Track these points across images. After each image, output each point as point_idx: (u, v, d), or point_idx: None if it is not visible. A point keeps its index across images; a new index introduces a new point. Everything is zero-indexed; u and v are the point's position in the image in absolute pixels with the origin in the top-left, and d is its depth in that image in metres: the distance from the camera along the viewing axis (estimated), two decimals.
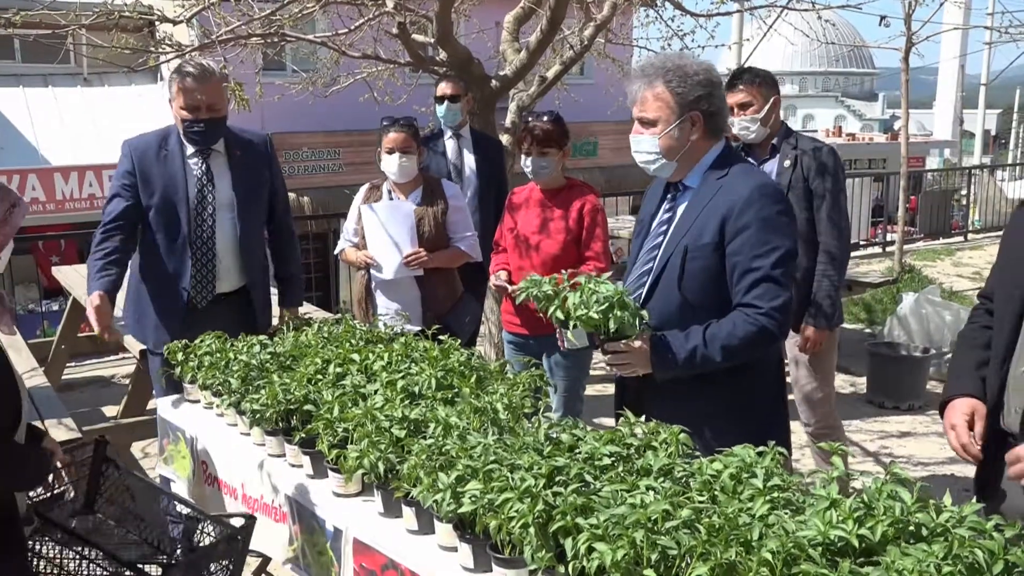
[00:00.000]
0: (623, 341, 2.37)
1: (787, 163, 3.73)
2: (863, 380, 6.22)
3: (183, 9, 5.21)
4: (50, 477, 2.40)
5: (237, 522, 2.46)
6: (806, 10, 6.68)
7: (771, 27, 7.71)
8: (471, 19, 7.85)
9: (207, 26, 5.30)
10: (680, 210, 2.51)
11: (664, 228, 2.53)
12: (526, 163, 3.72)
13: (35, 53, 13.93)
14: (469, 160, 4.76)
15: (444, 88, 4.74)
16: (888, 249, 11.26)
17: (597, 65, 9.33)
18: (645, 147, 2.47)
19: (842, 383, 6.36)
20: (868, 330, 7.71)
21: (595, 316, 2.32)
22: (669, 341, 2.38)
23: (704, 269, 2.41)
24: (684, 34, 7.22)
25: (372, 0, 5.48)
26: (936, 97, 35.20)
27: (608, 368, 2.53)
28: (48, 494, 2.44)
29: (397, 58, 6.13)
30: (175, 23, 5.00)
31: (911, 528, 1.58)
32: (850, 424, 5.52)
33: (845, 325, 7.76)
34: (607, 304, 2.32)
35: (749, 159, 3.79)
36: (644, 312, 2.39)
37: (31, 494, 2.35)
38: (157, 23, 5.18)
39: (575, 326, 2.37)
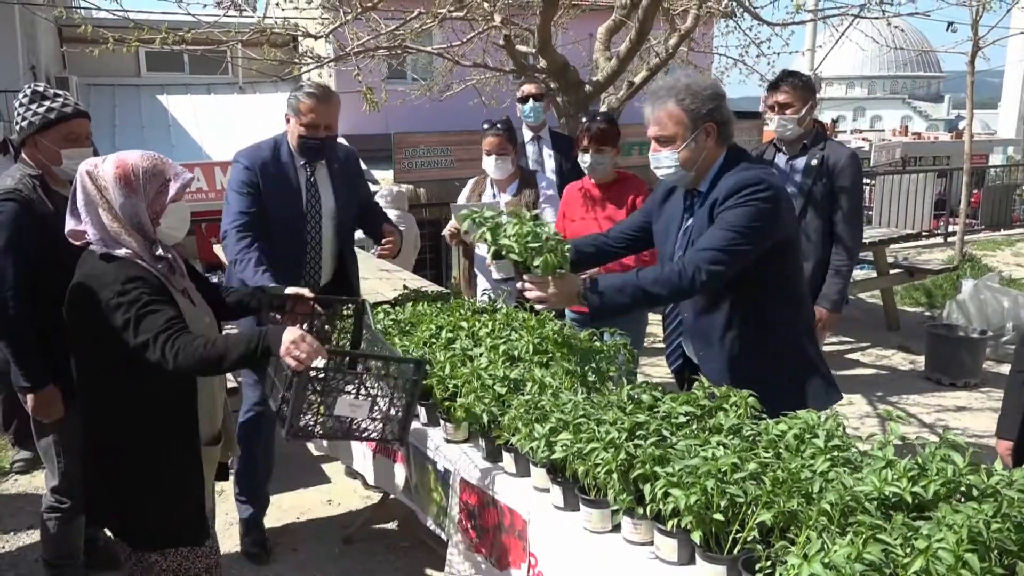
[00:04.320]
0: (545, 276, 2.31)
1: (814, 162, 3.69)
2: (921, 358, 5.94)
3: (322, 26, 5.37)
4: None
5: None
6: (876, 18, 6.36)
7: (843, 34, 7.40)
8: (568, 31, 7.81)
9: (342, 40, 5.44)
10: (696, 215, 2.44)
11: (688, 237, 2.46)
12: (584, 159, 3.56)
13: (200, 65, 14.66)
14: (549, 162, 4.53)
15: (529, 88, 4.48)
16: (950, 240, 10.69)
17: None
18: (665, 163, 2.39)
19: (901, 360, 6.11)
20: (928, 313, 7.36)
21: (517, 255, 2.30)
22: (601, 278, 2.36)
23: None
24: (761, 42, 6.99)
25: (482, 16, 5.52)
26: (1001, 98, 33.05)
27: (523, 298, 2.43)
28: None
29: (503, 66, 6.16)
30: (316, 38, 5.16)
31: (962, 488, 1.53)
32: (908, 398, 5.30)
33: (906, 307, 7.47)
34: (539, 245, 2.29)
35: (780, 152, 3.82)
36: (568, 254, 2.36)
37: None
38: (300, 38, 5.35)
39: (501, 257, 2.36)
